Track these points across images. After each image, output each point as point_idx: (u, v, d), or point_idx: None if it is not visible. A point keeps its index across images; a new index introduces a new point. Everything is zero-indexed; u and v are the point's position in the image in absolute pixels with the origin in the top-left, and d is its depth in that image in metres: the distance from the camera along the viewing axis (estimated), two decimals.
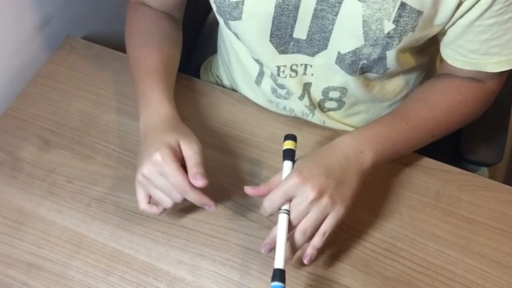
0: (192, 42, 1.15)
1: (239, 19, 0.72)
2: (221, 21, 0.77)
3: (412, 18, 0.66)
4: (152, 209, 0.72)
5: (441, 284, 0.73)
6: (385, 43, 0.69)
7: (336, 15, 0.68)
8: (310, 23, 0.71)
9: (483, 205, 0.80)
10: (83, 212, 0.79)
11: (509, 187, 0.82)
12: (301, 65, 0.78)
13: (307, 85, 0.81)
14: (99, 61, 0.94)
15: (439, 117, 0.77)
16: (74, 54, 0.95)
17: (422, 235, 0.77)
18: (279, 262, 0.65)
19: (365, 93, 0.81)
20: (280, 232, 0.67)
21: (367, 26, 0.67)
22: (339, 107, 0.85)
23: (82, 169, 0.83)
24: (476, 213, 0.79)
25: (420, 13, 0.66)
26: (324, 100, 0.83)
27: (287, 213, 0.68)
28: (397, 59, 0.72)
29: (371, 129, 0.74)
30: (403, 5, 0.65)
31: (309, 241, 0.68)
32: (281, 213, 0.68)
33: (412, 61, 0.79)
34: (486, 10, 0.65)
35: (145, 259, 0.75)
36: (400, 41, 0.68)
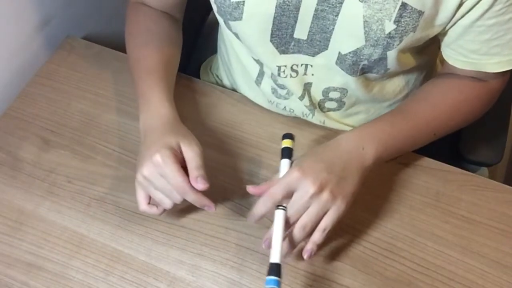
0: (192, 42, 1.15)
1: (240, 19, 0.72)
2: (221, 21, 0.77)
3: (413, 18, 0.66)
4: (152, 210, 0.72)
5: (441, 284, 0.73)
6: (386, 43, 0.69)
7: (337, 15, 0.68)
8: (310, 24, 0.71)
9: (483, 205, 0.80)
10: (83, 212, 0.79)
11: (509, 187, 0.82)
12: (302, 65, 0.77)
13: (307, 85, 0.81)
14: (99, 61, 0.94)
15: (441, 116, 0.77)
16: (74, 54, 0.95)
17: (422, 235, 0.77)
18: (275, 256, 0.65)
19: (365, 94, 0.81)
20: (276, 227, 0.67)
21: (368, 26, 0.67)
22: (339, 108, 0.85)
23: (82, 169, 0.83)
24: (476, 213, 0.79)
25: (421, 13, 0.66)
26: (324, 100, 0.83)
27: (284, 209, 0.67)
28: (398, 60, 0.72)
29: (373, 126, 0.74)
30: (404, 5, 0.65)
31: (309, 236, 0.67)
32: (278, 209, 0.68)
33: (412, 61, 0.79)
34: (487, 10, 0.65)
35: (145, 259, 0.75)
36: (401, 41, 0.68)
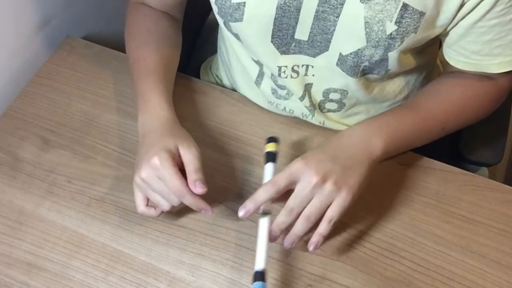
0: (192, 42, 1.15)
1: (241, 20, 0.72)
2: (221, 22, 0.77)
3: (414, 19, 0.66)
4: (150, 211, 0.72)
5: (441, 284, 0.73)
6: (387, 44, 0.68)
7: (338, 16, 0.68)
8: (311, 25, 0.71)
9: (483, 205, 0.80)
10: (83, 212, 0.79)
11: (509, 187, 0.82)
12: (303, 65, 0.77)
13: (308, 86, 0.81)
14: (99, 61, 0.94)
15: (450, 111, 0.77)
16: (74, 54, 0.95)
17: (422, 235, 0.77)
18: (259, 263, 0.65)
19: (365, 95, 0.81)
20: (261, 234, 0.67)
21: (369, 27, 0.67)
22: (339, 109, 0.85)
23: (82, 169, 0.83)
24: (476, 213, 0.79)
25: (422, 14, 0.66)
26: (324, 101, 0.83)
27: (268, 216, 0.67)
28: (399, 60, 0.72)
29: (381, 119, 0.74)
30: (405, 6, 0.65)
31: (314, 227, 0.66)
32: (262, 216, 0.68)
33: (413, 62, 0.79)
34: (488, 11, 0.65)
35: (145, 259, 0.75)
36: (402, 42, 0.68)
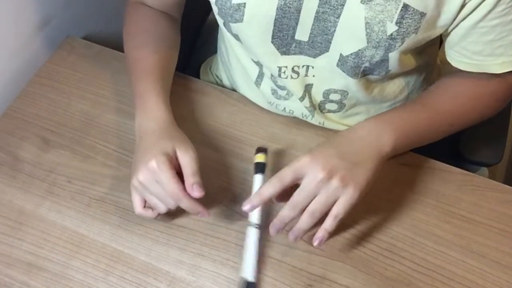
0: (192, 42, 1.15)
1: (241, 21, 0.71)
2: (221, 23, 0.77)
3: (415, 20, 0.66)
4: (147, 212, 0.73)
5: (441, 284, 0.73)
6: (387, 45, 0.68)
7: (338, 17, 0.68)
8: (312, 26, 0.70)
9: (483, 205, 0.80)
10: (83, 212, 0.79)
11: (509, 187, 0.82)
12: (303, 66, 0.77)
13: (308, 87, 0.81)
14: (99, 61, 0.94)
15: (458, 107, 0.77)
16: (74, 54, 0.95)
17: (422, 235, 0.77)
18: (249, 274, 0.66)
19: (365, 95, 0.81)
20: (249, 244, 0.68)
21: (369, 28, 0.67)
22: (339, 109, 0.85)
23: (82, 169, 0.83)
24: (476, 213, 0.79)
25: (423, 14, 0.66)
26: (324, 101, 0.83)
27: (257, 227, 0.69)
28: (399, 61, 0.72)
29: (390, 114, 0.73)
30: (405, 6, 0.65)
31: (320, 223, 0.66)
32: (251, 226, 0.69)
33: (413, 62, 0.79)
34: (490, 11, 0.65)
35: (145, 259, 0.75)
36: (402, 42, 0.68)
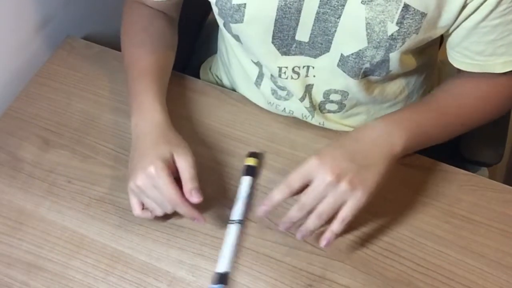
0: (192, 42, 1.15)
1: (241, 22, 0.71)
2: (221, 23, 0.77)
3: (415, 20, 0.66)
4: (146, 214, 0.74)
5: (441, 284, 0.73)
6: (388, 45, 0.68)
7: (339, 17, 0.68)
8: (312, 26, 0.70)
9: (483, 205, 0.80)
10: (83, 212, 0.79)
11: (509, 187, 0.82)
12: (304, 67, 0.77)
13: (308, 87, 0.81)
14: (99, 61, 0.94)
15: (470, 106, 0.76)
16: (74, 54, 0.95)
17: (422, 235, 0.77)
18: (222, 265, 0.69)
19: (366, 96, 0.81)
20: (228, 239, 0.71)
21: (370, 28, 0.67)
22: (339, 109, 0.85)
23: (82, 169, 0.83)
24: (476, 213, 0.79)
25: (424, 15, 0.65)
26: (325, 102, 0.83)
27: (239, 223, 0.71)
28: (400, 61, 0.72)
29: (401, 114, 0.73)
30: (406, 7, 0.65)
31: (327, 223, 0.66)
32: (231, 223, 0.72)
33: (414, 63, 0.79)
34: (491, 11, 0.65)
35: (145, 259, 0.75)
36: (403, 43, 0.68)
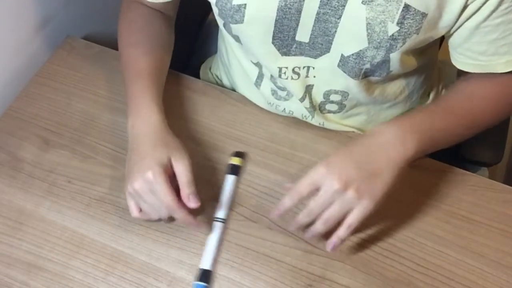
0: (192, 42, 1.15)
1: (241, 22, 0.71)
2: (221, 24, 0.77)
3: (416, 20, 0.66)
4: (144, 216, 0.74)
5: (441, 284, 0.73)
6: (389, 45, 0.68)
7: (339, 18, 0.68)
8: (312, 27, 0.70)
9: (483, 205, 0.80)
10: (83, 212, 0.79)
11: (509, 187, 0.82)
12: (304, 67, 0.77)
13: (309, 87, 0.80)
14: (99, 61, 0.94)
15: (482, 107, 0.76)
16: (74, 54, 0.95)
17: (422, 235, 0.77)
18: (206, 262, 0.71)
19: (366, 96, 0.81)
20: (212, 238, 0.72)
21: (370, 28, 0.67)
22: (339, 110, 0.84)
23: (82, 169, 0.83)
24: (476, 213, 0.79)
25: (424, 15, 0.65)
26: (325, 102, 0.83)
27: (222, 222, 0.73)
28: (401, 61, 0.72)
29: (412, 117, 0.72)
30: (407, 7, 0.65)
31: (332, 228, 0.68)
32: (216, 221, 0.73)
33: (414, 63, 0.79)
34: (493, 10, 0.65)
35: (145, 259, 0.75)
36: (404, 43, 0.68)
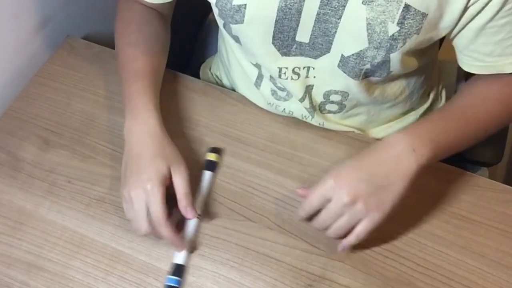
0: (192, 42, 1.15)
1: (241, 22, 0.71)
2: (221, 24, 0.77)
3: (416, 20, 0.66)
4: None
5: (441, 284, 0.73)
6: (389, 45, 0.68)
7: (339, 18, 0.68)
8: (313, 27, 0.70)
9: (483, 205, 0.80)
10: (83, 212, 0.79)
11: (509, 187, 0.82)
12: (304, 67, 0.77)
13: (309, 88, 0.80)
14: (99, 61, 0.94)
15: (491, 110, 0.76)
16: (74, 54, 0.95)
17: (422, 235, 0.77)
18: (179, 257, 0.73)
19: (366, 96, 0.81)
20: (189, 230, 0.74)
21: (371, 28, 0.67)
22: (339, 110, 0.84)
23: (82, 169, 0.83)
24: (476, 213, 0.79)
25: (424, 15, 0.65)
26: (325, 103, 0.83)
27: (197, 217, 0.74)
28: (401, 62, 0.72)
29: (423, 126, 0.72)
30: (407, 7, 0.65)
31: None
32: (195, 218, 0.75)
33: (415, 64, 0.78)
34: (498, 11, 0.65)
35: (145, 259, 0.75)
36: (404, 43, 0.68)
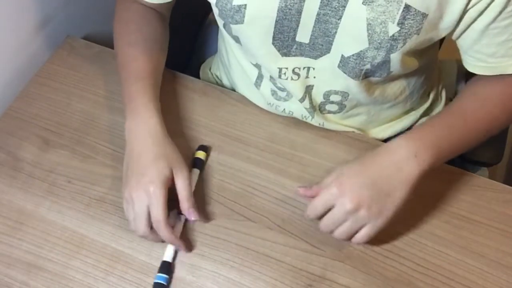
0: (192, 42, 1.15)
1: (241, 22, 0.71)
2: (221, 24, 0.77)
3: (416, 20, 0.66)
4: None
5: (441, 284, 0.73)
6: (389, 46, 0.68)
7: (339, 18, 0.68)
8: (313, 27, 0.70)
9: (483, 205, 0.80)
10: (83, 212, 0.79)
11: (509, 187, 0.82)
12: (304, 68, 0.77)
13: (309, 88, 0.80)
14: (99, 61, 0.94)
15: (493, 112, 0.76)
16: (74, 54, 0.95)
17: (422, 235, 0.77)
18: (168, 255, 0.74)
19: (366, 96, 0.81)
20: (176, 228, 0.75)
21: (371, 29, 0.67)
22: (339, 110, 0.84)
23: (82, 169, 0.83)
24: (476, 213, 0.79)
25: (425, 15, 0.65)
26: (325, 103, 0.83)
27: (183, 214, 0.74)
28: (401, 62, 0.72)
29: (425, 130, 0.73)
30: (407, 7, 0.65)
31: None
32: (179, 213, 0.75)
33: (415, 64, 0.78)
34: (500, 12, 0.65)
35: (145, 259, 0.75)
36: (404, 43, 0.68)
